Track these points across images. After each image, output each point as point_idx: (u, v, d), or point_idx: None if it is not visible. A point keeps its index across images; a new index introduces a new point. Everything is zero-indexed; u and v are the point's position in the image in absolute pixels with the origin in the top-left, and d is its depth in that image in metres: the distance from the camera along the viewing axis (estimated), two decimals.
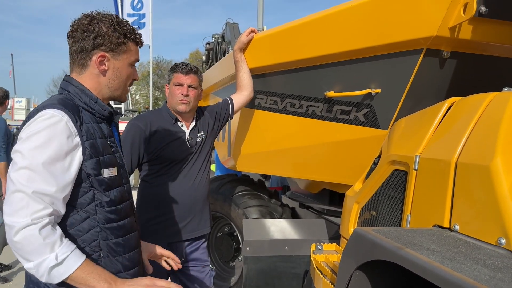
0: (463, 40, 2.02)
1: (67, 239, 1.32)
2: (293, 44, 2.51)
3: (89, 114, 1.44)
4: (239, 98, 2.71)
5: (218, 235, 3.92)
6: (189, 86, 2.40)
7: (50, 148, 1.28)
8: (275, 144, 2.92)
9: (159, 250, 1.90)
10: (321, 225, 3.10)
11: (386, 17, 2.14)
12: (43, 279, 1.28)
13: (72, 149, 1.34)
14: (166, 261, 1.92)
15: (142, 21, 18.60)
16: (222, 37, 6.17)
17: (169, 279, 2.56)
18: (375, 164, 2.10)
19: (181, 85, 2.39)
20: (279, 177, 4.78)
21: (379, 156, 2.09)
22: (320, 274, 1.88)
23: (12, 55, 41.53)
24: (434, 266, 1.07)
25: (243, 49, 2.67)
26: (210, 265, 2.67)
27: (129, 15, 18.71)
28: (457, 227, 1.43)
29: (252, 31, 2.64)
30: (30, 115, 1.38)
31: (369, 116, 2.44)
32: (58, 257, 1.26)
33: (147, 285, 1.39)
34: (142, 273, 1.66)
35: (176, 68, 2.44)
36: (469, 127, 1.49)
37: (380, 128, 2.42)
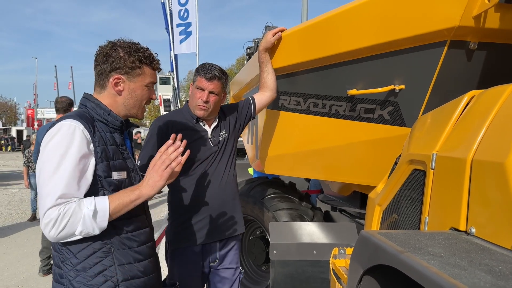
0: (490, 29, 1.88)
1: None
2: (313, 42, 2.45)
3: (103, 125, 1.62)
4: (262, 98, 2.65)
5: (250, 238, 3.90)
6: (210, 92, 2.33)
7: (71, 154, 1.45)
8: (300, 145, 2.86)
9: None
10: (351, 229, 2.99)
11: (405, 9, 2.03)
12: (97, 231, 1.47)
13: (88, 153, 1.51)
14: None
15: (188, 29, 18.98)
16: None
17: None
18: (396, 164, 1.99)
19: (203, 89, 2.33)
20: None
21: (401, 155, 1.98)
22: (335, 279, 1.80)
23: (71, 67, 44.04)
24: (430, 271, 0.98)
25: (269, 49, 2.60)
26: (240, 267, 2.64)
27: (178, 25, 19.16)
28: (473, 230, 1.31)
29: (280, 31, 2.55)
30: (51, 126, 1.54)
31: (394, 114, 2.33)
32: (89, 208, 1.44)
33: (153, 165, 1.58)
34: (156, 266, 1.76)
35: (200, 71, 2.35)
36: (486, 122, 1.37)
37: (406, 126, 2.30)
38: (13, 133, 41.68)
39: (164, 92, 27.99)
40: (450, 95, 2.09)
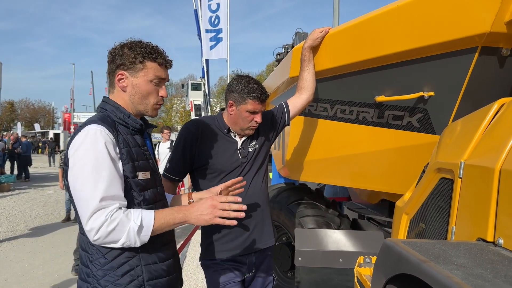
0: None
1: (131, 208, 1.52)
2: (342, 49, 2.44)
3: (124, 128, 1.64)
4: (297, 102, 2.52)
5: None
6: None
7: (103, 157, 1.47)
8: (326, 152, 2.85)
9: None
10: (378, 238, 2.94)
11: (435, 14, 2.00)
12: (138, 244, 1.50)
13: (116, 156, 1.53)
14: None
15: (219, 36, 19.08)
16: (292, 47, 6.20)
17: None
18: (424, 172, 1.96)
19: (256, 112, 2.25)
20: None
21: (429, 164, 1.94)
22: (359, 287, 1.78)
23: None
24: (452, 281, 0.97)
25: (313, 47, 2.52)
26: (273, 275, 2.58)
27: (207, 31, 19.26)
28: (501, 241, 1.28)
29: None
30: (75, 132, 1.55)
31: (423, 121, 2.29)
32: (136, 222, 1.46)
33: (212, 205, 1.57)
34: (178, 266, 1.80)
35: (253, 93, 2.22)
36: None
37: (435, 134, 2.26)
38: (51, 136, 43.23)
39: (195, 97, 28.43)
40: (482, 102, 2.04)
